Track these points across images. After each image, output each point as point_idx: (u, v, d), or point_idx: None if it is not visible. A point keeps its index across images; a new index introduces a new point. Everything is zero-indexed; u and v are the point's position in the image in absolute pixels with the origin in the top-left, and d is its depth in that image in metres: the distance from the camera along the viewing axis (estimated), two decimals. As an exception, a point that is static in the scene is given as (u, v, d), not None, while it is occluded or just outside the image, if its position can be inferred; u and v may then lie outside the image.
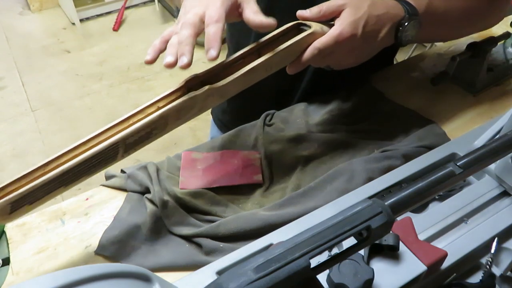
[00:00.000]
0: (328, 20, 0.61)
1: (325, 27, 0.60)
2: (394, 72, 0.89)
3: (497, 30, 1.03)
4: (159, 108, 0.51)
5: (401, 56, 2.47)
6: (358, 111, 0.77)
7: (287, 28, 0.60)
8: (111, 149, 0.49)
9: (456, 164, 0.40)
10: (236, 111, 0.94)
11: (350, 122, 0.76)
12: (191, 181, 0.64)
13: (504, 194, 0.56)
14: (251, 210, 0.60)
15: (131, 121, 0.51)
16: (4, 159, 2.02)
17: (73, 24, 2.98)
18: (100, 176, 0.58)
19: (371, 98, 0.81)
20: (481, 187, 0.57)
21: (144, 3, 3.27)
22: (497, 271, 0.49)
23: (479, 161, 0.41)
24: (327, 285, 0.42)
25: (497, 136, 0.58)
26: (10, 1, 3.23)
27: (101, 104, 2.34)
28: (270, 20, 0.53)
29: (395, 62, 0.98)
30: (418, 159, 0.61)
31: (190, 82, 0.54)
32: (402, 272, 0.44)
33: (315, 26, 0.59)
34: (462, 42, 0.92)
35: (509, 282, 0.47)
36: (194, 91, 0.52)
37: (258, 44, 0.58)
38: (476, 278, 0.50)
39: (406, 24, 0.61)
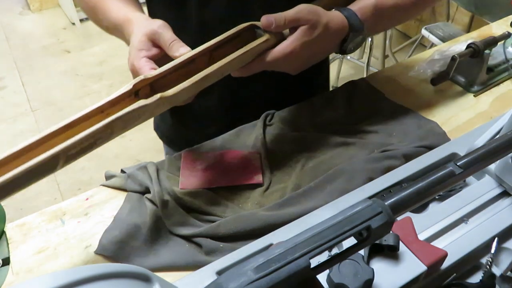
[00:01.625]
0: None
1: (277, 35, 0.60)
2: (394, 72, 0.89)
3: (497, 30, 1.03)
4: (106, 115, 0.48)
5: (401, 56, 2.47)
6: (358, 111, 0.77)
7: (240, 30, 0.59)
8: (51, 160, 0.45)
9: (456, 164, 0.40)
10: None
11: (350, 122, 0.76)
12: (191, 181, 0.64)
13: (504, 194, 0.56)
14: (251, 210, 0.60)
15: (74, 128, 0.47)
16: (4, 159, 2.02)
17: (73, 24, 2.98)
18: (100, 176, 0.58)
19: (371, 98, 0.81)
20: (481, 187, 0.57)
21: (144, 3, 3.26)
22: (497, 271, 0.49)
23: (479, 161, 0.41)
24: (327, 285, 0.42)
25: (497, 136, 0.58)
26: (10, 1, 3.23)
27: (101, 104, 2.34)
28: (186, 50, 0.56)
29: (395, 62, 0.98)
30: (418, 159, 0.61)
31: (138, 84, 0.51)
32: (402, 272, 0.44)
33: (271, 39, 0.59)
34: (462, 42, 0.92)
35: (509, 282, 0.47)
36: (144, 100, 0.49)
37: (210, 46, 0.56)
38: (476, 278, 0.50)
39: (350, 41, 0.64)
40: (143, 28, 0.59)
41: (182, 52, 0.55)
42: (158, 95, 0.50)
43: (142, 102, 0.49)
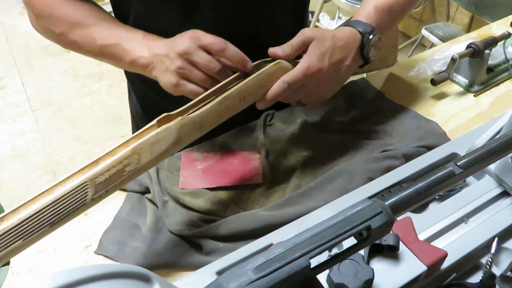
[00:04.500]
0: (296, 57, 0.61)
1: (292, 63, 0.60)
2: (394, 72, 0.89)
3: (497, 30, 1.03)
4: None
5: (401, 56, 2.47)
6: (358, 111, 0.77)
7: (254, 65, 0.59)
8: (78, 190, 0.43)
9: (456, 164, 0.40)
10: None
11: (350, 122, 0.76)
12: (191, 181, 0.64)
13: (504, 194, 0.56)
14: (251, 210, 0.60)
15: (101, 162, 0.46)
16: (4, 159, 2.02)
17: (73, 24, 2.98)
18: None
19: (371, 98, 0.81)
20: (481, 187, 0.57)
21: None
22: (497, 271, 0.49)
23: (479, 161, 0.41)
24: (327, 285, 0.42)
25: (497, 136, 0.58)
26: (10, 1, 3.23)
27: (101, 104, 2.34)
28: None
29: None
30: (418, 159, 0.61)
31: (162, 120, 0.51)
32: (402, 272, 0.44)
33: (283, 61, 0.59)
34: (462, 42, 0.92)
35: (509, 282, 0.47)
36: (167, 123, 0.50)
37: (226, 83, 0.56)
38: (476, 278, 0.50)
39: (367, 44, 0.64)
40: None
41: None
42: (179, 117, 0.50)
43: (164, 126, 0.49)
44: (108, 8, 0.74)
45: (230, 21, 0.70)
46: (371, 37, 0.64)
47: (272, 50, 0.60)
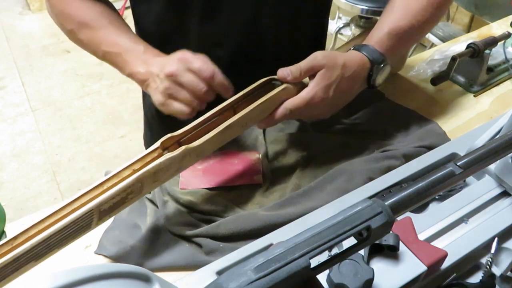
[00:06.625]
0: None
1: (297, 84, 0.60)
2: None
3: (497, 30, 1.03)
4: (134, 171, 0.50)
5: (401, 56, 2.46)
6: (358, 111, 0.77)
7: (260, 84, 0.60)
8: (85, 217, 0.46)
9: (456, 164, 0.40)
10: None
11: (350, 122, 0.76)
12: (191, 181, 0.64)
13: (504, 194, 0.56)
14: (251, 210, 0.60)
15: (105, 186, 0.49)
16: (4, 159, 2.02)
17: (73, 24, 2.98)
18: (100, 176, 0.58)
19: (371, 98, 0.81)
20: (481, 187, 0.57)
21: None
22: (497, 271, 0.49)
23: (479, 161, 0.41)
24: (327, 285, 0.42)
25: (497, 136, 0.58)
26: (10, 1, 3.23)
27: (101, 104, 2.34)
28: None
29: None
30: (418, 159, 0.61)
31: (166, 142, 0.53)
32: (402, 272, 0.44)
33: (289, 85, 0.59)
34: (462, 42, 0.92)
35: (509, 282, 0.47)
36: (170, 153, 0.51)
37: (233, 101, 0.58)
38: (476, 278, 0.50)
39: (376, 74, 0.64)
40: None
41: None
42: (183, 147, 0.52)
43: (168, 155, 0.51)
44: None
45: (250, 21, 0.70)
46: (381, 66, 0.63)
47: (281, 73, 0.60)
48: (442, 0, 0.67)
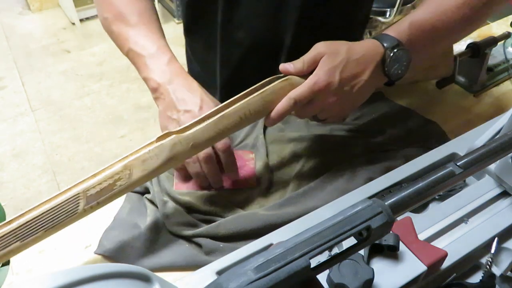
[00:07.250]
0: (310, 72, 0.59)
1: (305, 78, 0.58)
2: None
3: (497, 30, 1.03)
4: (124, 159, 0.50)
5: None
6: (358, 111, 0.77)
7: (265, 82, 0.58)
8: (71, 201, 0.47)
9: (456, 164, 0.40)
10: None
11: (350, 122, 0.76)
12: (185, 183, 0.64)
13: (504, 194, 0.56)
14: (251, 210, 0.60)
15: (95, 176, 0.49)
16: (4, 159, 2.02)
17: (73, 24, 2.98)
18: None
19: (371, 98, 0.80)
20: (481, 187, 0.57)
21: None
22: (497, 271, 0.49)
23: (479, 161, 0.41)
24: (327, 285, 0.42)
25: (497, 136, 0.58)
26: (10, 1, 3.23)
27: (101, 104, 2.34)
28: None
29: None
30: (418, 159, 0.61)
31: (162, 138, 0.52)
32: (402, 272, 0.44)
33: (293, 77, 0.58)
34: (462, 42, 0.92)
35: (509, 282, 0.47)
36: (161, 141, 0.51)
37: (235, 99, 0.56)
38: (476, 278, 0.50)
39: (389, 59, 0.59)
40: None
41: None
42: (173, 135, 0.51)
43: (157, 143, 0.50)
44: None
45: (275, 9, 0.69)
46: (394, 51, 0.58)
47: (283, 67, 0.58)
48: (481, 4, 0.62)
